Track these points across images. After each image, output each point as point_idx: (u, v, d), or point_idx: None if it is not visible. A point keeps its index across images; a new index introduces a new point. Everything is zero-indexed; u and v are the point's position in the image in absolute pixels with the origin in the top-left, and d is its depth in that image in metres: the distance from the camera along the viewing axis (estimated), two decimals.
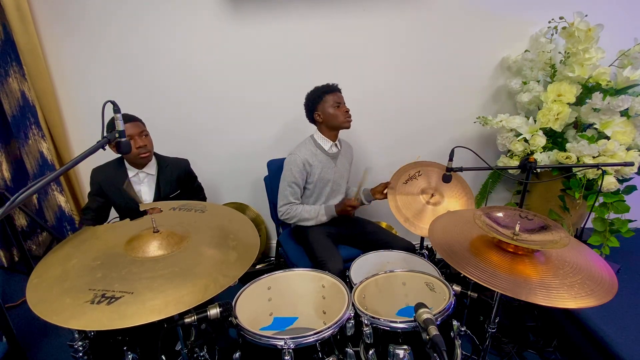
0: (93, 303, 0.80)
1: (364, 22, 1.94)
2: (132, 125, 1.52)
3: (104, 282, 0.87)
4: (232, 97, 2.07)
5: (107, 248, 1.03)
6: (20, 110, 1.95)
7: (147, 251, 1.00)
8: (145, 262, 0.96)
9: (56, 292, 0.85)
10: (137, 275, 0.89)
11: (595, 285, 0.91)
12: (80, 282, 0.88)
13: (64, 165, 0.94)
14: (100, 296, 0.81)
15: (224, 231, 1.12)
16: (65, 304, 0.81)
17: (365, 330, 1.08)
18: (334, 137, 1.75)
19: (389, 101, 2.11)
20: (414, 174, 1.76)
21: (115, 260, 0.96)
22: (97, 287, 0.84)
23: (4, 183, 2.09)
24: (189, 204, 1.30)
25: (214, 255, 0.99)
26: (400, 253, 1.58)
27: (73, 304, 0.81)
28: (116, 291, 0.83)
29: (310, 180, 1.73)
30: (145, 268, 0.93)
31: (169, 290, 0.84)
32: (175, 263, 0.95)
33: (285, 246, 1.87)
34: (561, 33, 1.75)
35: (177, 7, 1.88)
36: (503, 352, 1.59)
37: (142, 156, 1.56)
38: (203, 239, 1.07)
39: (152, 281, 0.87)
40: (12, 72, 1.89)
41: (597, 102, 1.67)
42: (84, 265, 0.95)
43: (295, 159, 1.67)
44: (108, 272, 0.91)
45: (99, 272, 0.91)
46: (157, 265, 0.94)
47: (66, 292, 0.85)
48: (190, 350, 1.14)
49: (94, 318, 0.77)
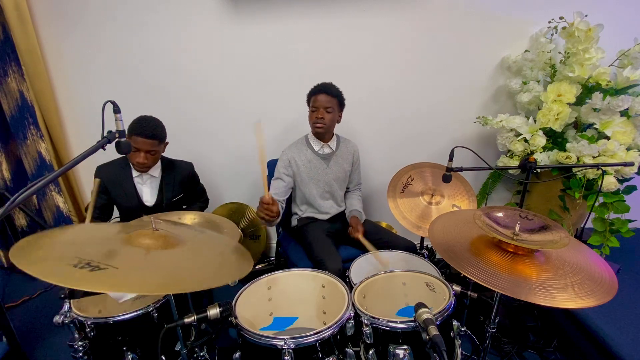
0: (76, 267, 0.78)
1: (364, 23, 1.94)
2: (146, 142, 1.49)
3: (92, 254, 0.84)
4: (233, 97, 2.06)
5: (104, 235, 1.02)
6: (19, 110, 1.95)
7: (142, 244, 0.99)
8: (140, 250, 0.94)
9: (42, 253, 0.84)
10: (128, 257, 0.88)
11: (595, 285, 0.91)
12: (68, 250, 0.86)
13: (63, 165, 0.94)
14: (85, 263, 0.79)
15: (219, 246, 1.10)
16: (47, 262, 0.80)
17: (365, 330, 1.08)
18: (325, 138, 1.75)
19: (389, 101, 2.11)
20: (406, 179, 1.75)
21: (110, 243, 0.94)
22: (84, 257, 0.82)
23: (4, 183, 2.09)
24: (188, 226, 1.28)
25: (203, 258, 0.98)
26: (400, 253, 1.58)
27: (55, 264, 0.79)
28: (101, 263, 0.81)
29: (297, 179, 1.75)
30: (138, 256, 0.91)
31: (154, 275, 0.83)
32: (169, 257, 0.94)
33: (285, 246, 1.87)
34: (561, 33, 1.75)
35: (177, 7, 1.88)
36: (503, 352, 1.59)
37: (137, 169, 1.58)
38: (198, 245, 1.05)
39: (140, 264, 0.86)
40: (11, 72, 1.89)
41: (597, 102, 1.67)
42: (77, 242, 0.93)
43: (282, 156, 1.75)
44: (100, 249, 0.89)
45: (91, 248, 0.89)
46: (150, 255, 0.92)
47: (52, 255, 0.83)
48: (190, 350, 1.14)
49: (72, 277, 0.75)
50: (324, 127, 1.67)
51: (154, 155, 1.55)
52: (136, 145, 1.49)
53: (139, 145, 1.49)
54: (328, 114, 1.66)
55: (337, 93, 1.69)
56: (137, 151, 1.51)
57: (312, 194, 1.77)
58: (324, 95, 1.65)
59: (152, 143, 1.51)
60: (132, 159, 1.54)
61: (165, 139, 1.60)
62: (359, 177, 1.96)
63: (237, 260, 1.04)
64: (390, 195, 1.70)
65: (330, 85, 1.68)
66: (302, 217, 1.83)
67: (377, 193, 2.30)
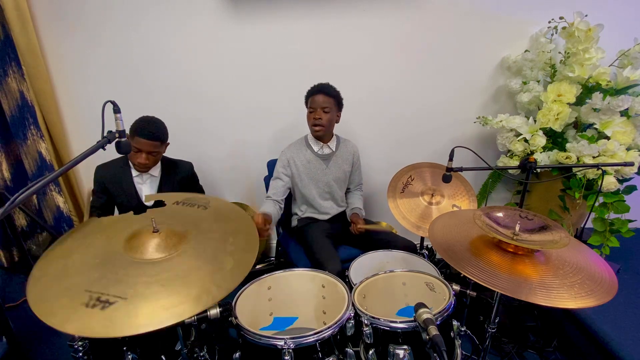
0: (87, 306, 0.80)
1: (364, 23, 1.94)
2: (147, 143, 1.49)
3: (99, 284, 0.87)
4: (232, 97, 2.06)
5: (107, 244, 1.02)
6: (19, 110, 1.94)
7: (145, 252, 1.00)
8: (143, 264, 0.95)
9: (55, 290, 0.86)
10: (134, 279, 0.89)
11: (595, 285, 0.91)
12: (78, 280, 0.88)
13: (63, 165, 0.94)
14: (96, 299, 0.82)
15: (224, 233, 1.11)
16: (62, 304, 0.81)
17: (365, 330, 1.08)
18: (324, 139, 1.75)
19: (389, 101, 2.11)
20: (406, 180, 1.75)
21: (114, 260, 0.96)
22: (93, 289, 0.85)
23: (4, 183, 2.09)
24: (193, 198, 1.27)
25: (207, 266, 0.97)
26: (400, 253, 1.58)
27: (69, 305, 0.81)
28: (110, 295, 0.83)
29: (296, 179, 1.75)
30: (142, 272, 0.92)
31: (161, 301, 0.84)
32: (172, 267, 0.95)
33: (285, 246, 1.87)
34: (561, 33, 1.75)
35: (177, 7, 1.88)
36: (503, 352, 1.59)
37: (137, 169, 1.58)
38: (201, 242, 1.05)
39: (147, 287, 0.87)
40: (11, 72, 1.89)
41: (597, 102, 1.67)
42: (84, 263, 0.95)
43: (281, 156, 1.77)
44: (105, 273, 0.90)
45: (97, 271, 0.91)
46: (154, 269, 0.94)
47: (64, 292, 0.85)
48: (190, 350, 1.14)
49: (87, 324, 0.77)
50: (322, 129, 1.67)
51: (155, 156, 1.55)
52: (138, 145, 1.49)
53: (140, 146, 1.49)
54: (325, 114, 1.66)
55: (335, 93, 1.68)
56: (138, 152, 1.50)
57: (312, 194, 1.77)
58: (322, 95, 1.65)
59: (154, 144, 1.51)
60: (133, 159, 1.54)
61: (167, 140, 1.60)
62: (360, 178, 1.96)
63: (246, 244, 1.05)
64: (390, 196, 1.70)
65: (327, 86, 1.67)
66: (302, 218, 1.83)
67: (377, 193, 2.30)
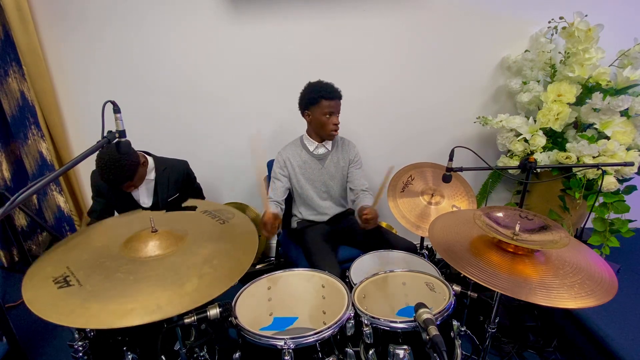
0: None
1: (364, 23, 1.94)
2: (119, 187, 1.46)
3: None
4: (232, 96, 2.06)
5: (102, 248, 1.04)
6: (20, 110, 1.95)
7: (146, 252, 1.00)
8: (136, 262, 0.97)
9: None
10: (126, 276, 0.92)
11: (595, 285, 0.91)
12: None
13: (64, 165, 0.94)
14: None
15: (213, 253, 1.04)
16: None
17: (365, 330, 1.08)
18: (321, 139, 1.75)
19: (389, 101, 2.11)
20: (407, 179, 1.75)
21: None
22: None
23: (4, 183, 2.09)
24: (221, 210, 1.28)
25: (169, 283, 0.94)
26: (400, 253, 1.58)
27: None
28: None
29: (293, 180, 1.76)
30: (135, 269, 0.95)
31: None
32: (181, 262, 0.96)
33: (285, 246, 1.87)
34: (561, 33, 1.75)
35: (177, 8, 1.88)
36: (503, 352, 1.59)
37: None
38: (183, 255, 1.03)
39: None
40: (12, 72, 1.89)
41: (597, 102, 1.67)
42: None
43: (278, 157, 1.76)
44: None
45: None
46: (143, 267, 0.96)
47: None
48: (190, 350, 1.14)
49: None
50: (337, 132, 1.70)
51: (139, 181, 1.51)
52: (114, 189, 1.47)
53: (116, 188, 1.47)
54: (338, 117, 1.68)
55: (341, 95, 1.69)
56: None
57: (310, 194, 1.77)
58: (338, 101, 1.65)
59: (126, 185, 1.47)
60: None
61: (137, 168, 1.45)
62: (364, 181, 1.81)
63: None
64: (390, 195, 1.70)
65: (337, 90, 1.65)
66: (301, 220, 1.83)
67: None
